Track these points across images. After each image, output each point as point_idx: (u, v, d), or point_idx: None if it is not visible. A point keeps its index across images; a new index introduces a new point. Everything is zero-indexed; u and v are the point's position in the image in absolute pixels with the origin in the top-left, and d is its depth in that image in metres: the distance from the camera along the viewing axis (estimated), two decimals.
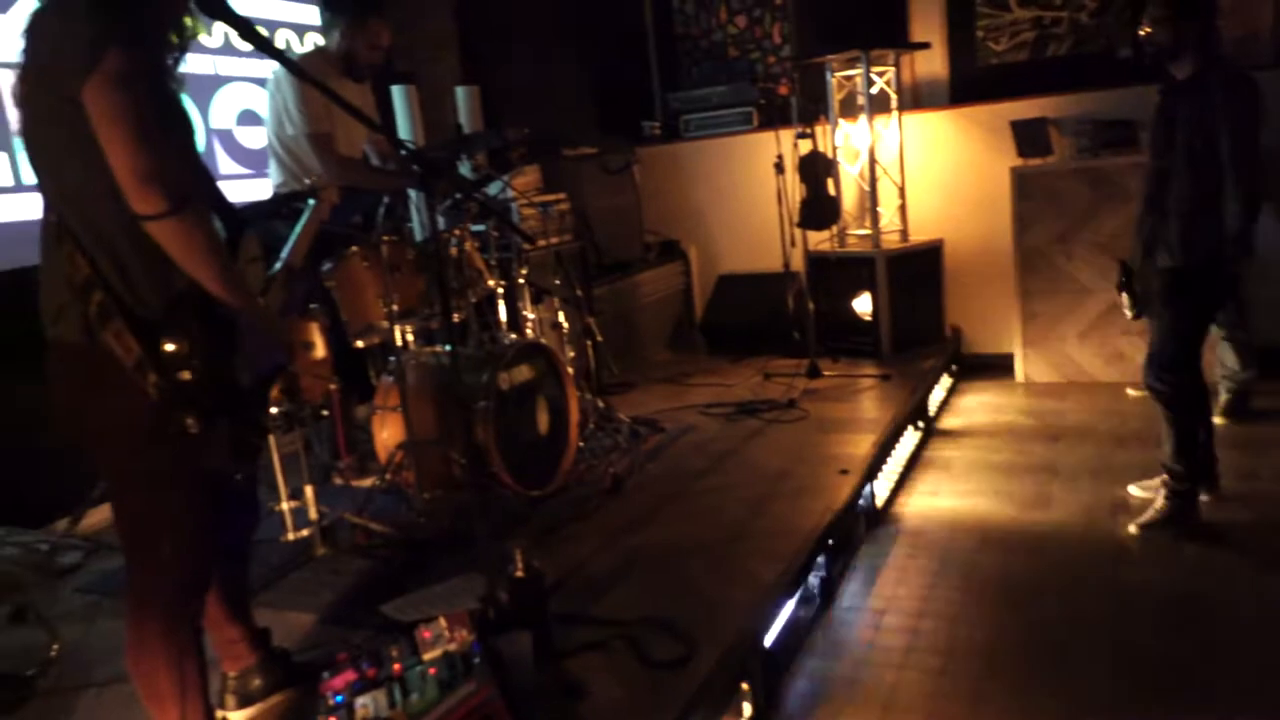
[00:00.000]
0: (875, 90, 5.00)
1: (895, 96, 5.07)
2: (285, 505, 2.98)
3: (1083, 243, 4.62)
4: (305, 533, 2.94)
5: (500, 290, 3.48)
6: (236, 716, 2.11)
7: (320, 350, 2.94)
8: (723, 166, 5.67)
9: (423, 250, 3.19)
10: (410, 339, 3.28)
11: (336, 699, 1.84)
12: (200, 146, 1.74)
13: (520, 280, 3.65)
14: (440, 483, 3.02)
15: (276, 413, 2.76)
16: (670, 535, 2.87)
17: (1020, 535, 3.16)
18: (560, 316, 3.83)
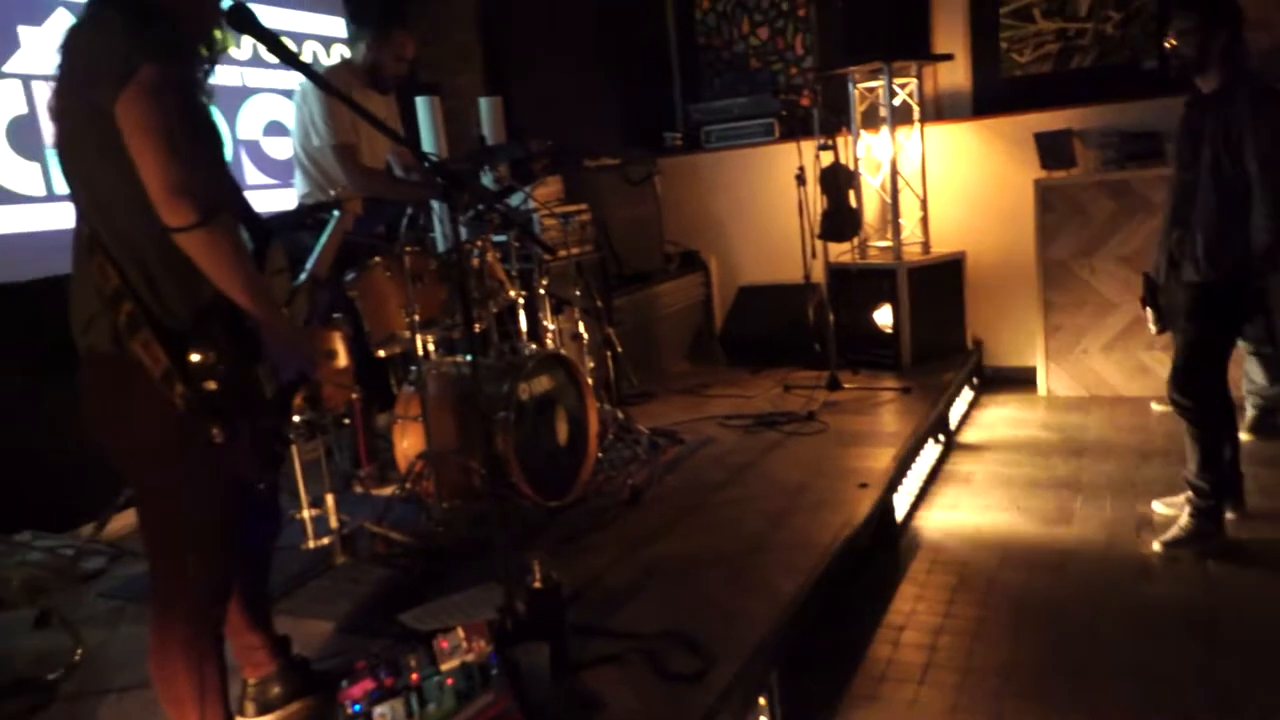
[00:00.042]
0: (898, 102, 4.99)
1: (918, 108, 5.07)
2: (306, 513, 2.99)
3: (1107, 256, 4.58)
4: (325, 541, 2.96)
5: (521, 301, 3.49)
6: None
7: (343, 359, 2.96)
8: (744, 178, 5.67)
9: (445, 261, 3.21)
10: (432, 349, 3.30)
11: (354, 708, 1.85)
12: (228, 157, 1.76)
13: (541, 291, 3.67)
14: (459, 492, 3.03)
15: (298, 421, 2.79)
16: (688, 547, 2.87)
17: (1041, 551, 3.13)
18: (580, 327, 3.84)
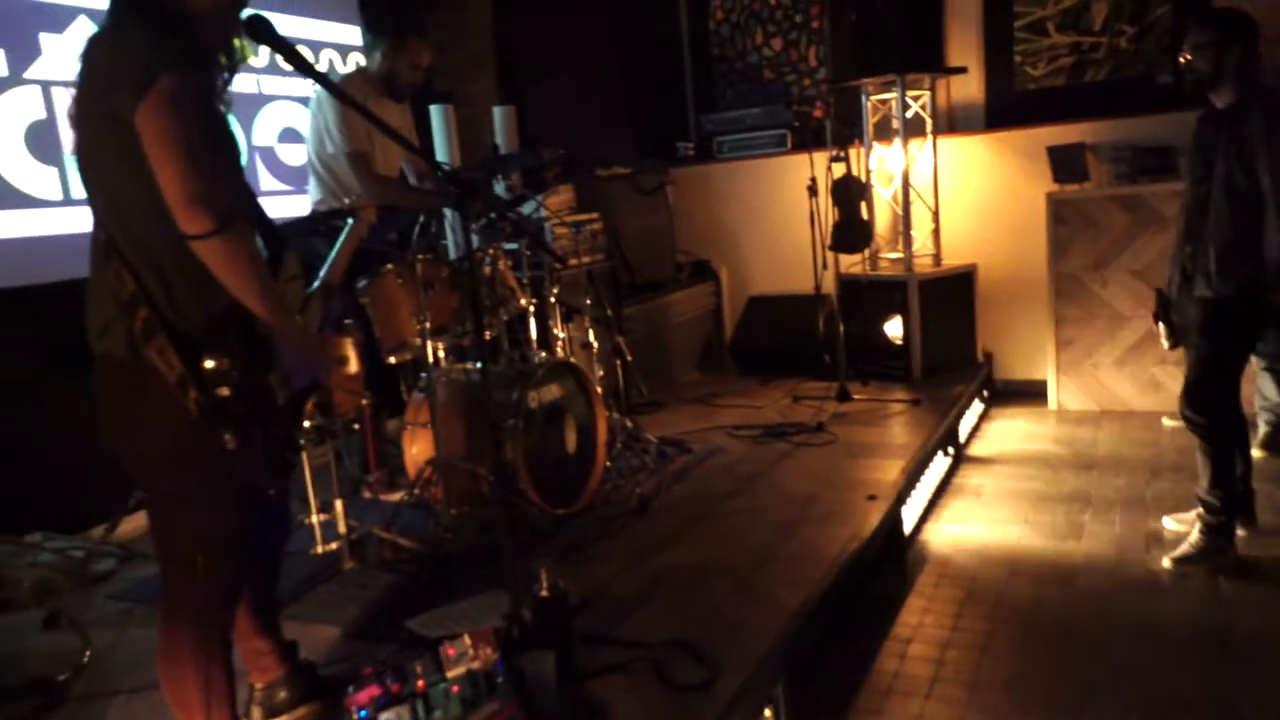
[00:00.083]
0: (910, 114, 4.99)
1: (930, 120, 5.07)
2: (315, 518, 3.01)
3: (1119, 270, 4.57)
4: (334, 546, 2.97)
5: (532, 309, 3.51)
6: None
7: (354, 365, 2.98)
8: (755, 188, 5.68)
9: (456, 268, 3.23)
10: (442, 356, 3.31)
11: (360, 713, 1.85)
12: (243, 163, 1.78)
13: (551, 299, 3.68)
14: (468, 499, 3.04)
15: (309, 426, 2.80)
16: (696, 557, 2.87)
17: (1050, 566, 3.12)
18: (590, 336, 3.85)
